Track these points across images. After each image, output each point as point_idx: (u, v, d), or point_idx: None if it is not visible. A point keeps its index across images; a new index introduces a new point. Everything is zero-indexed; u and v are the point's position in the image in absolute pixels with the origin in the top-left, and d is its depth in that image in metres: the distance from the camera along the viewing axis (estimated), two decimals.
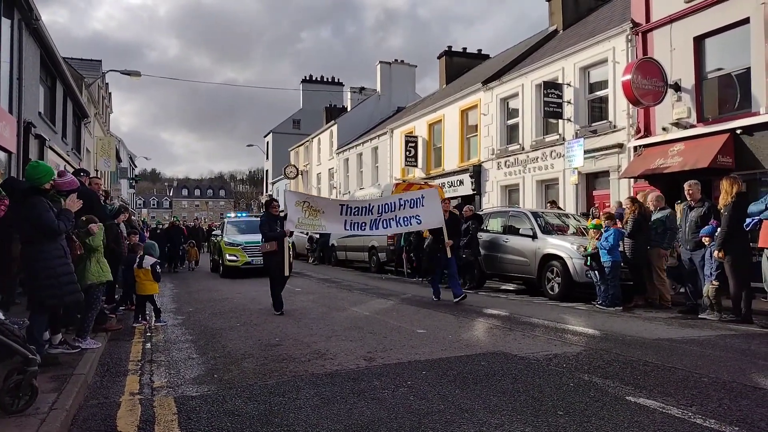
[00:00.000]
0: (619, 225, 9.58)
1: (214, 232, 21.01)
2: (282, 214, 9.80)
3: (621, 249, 9.40)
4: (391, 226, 9.88)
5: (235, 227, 17.78)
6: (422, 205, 9.81)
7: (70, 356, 5.36)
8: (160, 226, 22.22)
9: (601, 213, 10.76)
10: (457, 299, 9.64)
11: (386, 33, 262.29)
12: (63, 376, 4.57)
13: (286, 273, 8.77)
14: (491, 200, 19.75)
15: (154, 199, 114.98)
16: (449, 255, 9.84)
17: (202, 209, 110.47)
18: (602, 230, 9.45)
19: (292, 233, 9.54)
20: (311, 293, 11.52)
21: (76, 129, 22.48)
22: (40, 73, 15.53)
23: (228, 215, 25.07)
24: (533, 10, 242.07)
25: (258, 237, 16.43)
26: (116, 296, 9.06)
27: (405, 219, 9.73)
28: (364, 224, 9.70)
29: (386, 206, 9.83)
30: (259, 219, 19.13)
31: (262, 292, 11.86)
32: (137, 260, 7.98)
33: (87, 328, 5.94)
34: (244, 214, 26.58)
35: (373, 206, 9.85)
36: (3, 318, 3.89)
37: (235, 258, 15.81)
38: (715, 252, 7.78)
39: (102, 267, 6.19)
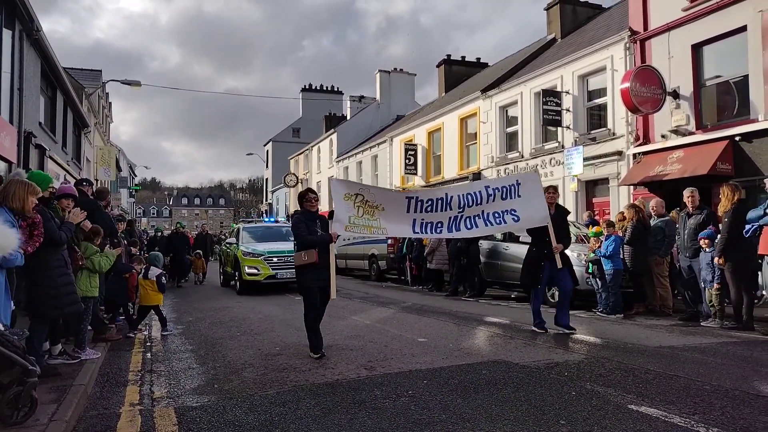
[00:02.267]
0: (619, 232, 9.58)
1: (227, 240, 17.49)
2: (321, 212, 7.01)
3: (622, 256, 9.39)
4: (477, 226, 7.32)
5: (251, 234, 15.49)
6: (518, 195, 7.38)
7: (70, 367, 5.35)
8: (160, 234, 18.92)
9: (601, 220, 10.75)
10: (564, 330, 7.42)
11: (387, 41, 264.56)
12: (63, 387, 4.56)
13: (333, 295, 6.38)
14: None
15: (153, 208, 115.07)
16: (560, 265, 7.35)
17: (202, 218, 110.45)
18: (602, 238, 9.45)
19: (338, 239, 6.98)
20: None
21: (77, 139, 22.53)
22: (41, 83, 15.59)
23: (269, 219, 22.37)
24: (535, 18, 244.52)
25: (283, 246, 14.20)
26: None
27: (496, 215, 7.31)
28: (440, 224, 7.17)
29: (470, 197, 7.29)
30: (279, 226, 17.73)
31: (262, 301, 11.85)
32: (142, 270, 7.94)
33: (83, 339, 5.93)
34: (271, 219, 23.89)
35: (451, 198, 7.24)
36: (2, 329, 3.88)
37: (255, 271, 13.35)
38: (716, 258, 7.77)
39: (91, 282, 6.19)
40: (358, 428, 3.75)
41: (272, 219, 23.06)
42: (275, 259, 13.41)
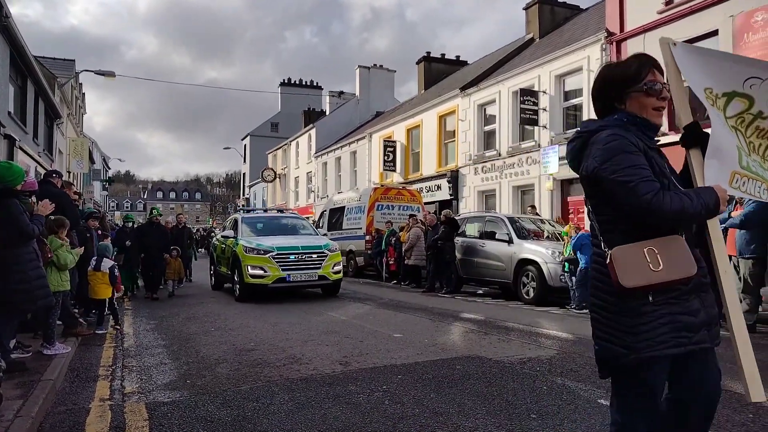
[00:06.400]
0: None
1: (222, 234, 13.61)
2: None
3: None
4: None
5: (252, 227, 12.48)
6: None
7: (38, 362, 5.23)
8: (131, 224, 13.94)
9: (569, 225, 10.94)
10: None
11: (372, 34, 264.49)
12: (30, 382, 4.46)
13: (761, 395, 2.03)
14: (468, 205, 19.90)
15: (127, 201, 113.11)
16: None
17: (178, 212, 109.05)
18: (571, 237, 9.74)
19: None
20: (287, 297, 11.43)
21: (48, 129, 22.01)
22: (10, 71, 15.18)
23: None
24: (521, 16, 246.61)
25: (294, 240, 12.03)
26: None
27: None
28: None
29: None
30: (284, 216, 14.45)
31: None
32: (93, 263, 7.43)
33: (52, 334, 5.82)
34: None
35: None
36: None
37: (261, 272, 10.65)
38: None
39: (62, 276, 6.10)
40: (332, 423, 3.75)
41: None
42: (287, 258, 10.79)
